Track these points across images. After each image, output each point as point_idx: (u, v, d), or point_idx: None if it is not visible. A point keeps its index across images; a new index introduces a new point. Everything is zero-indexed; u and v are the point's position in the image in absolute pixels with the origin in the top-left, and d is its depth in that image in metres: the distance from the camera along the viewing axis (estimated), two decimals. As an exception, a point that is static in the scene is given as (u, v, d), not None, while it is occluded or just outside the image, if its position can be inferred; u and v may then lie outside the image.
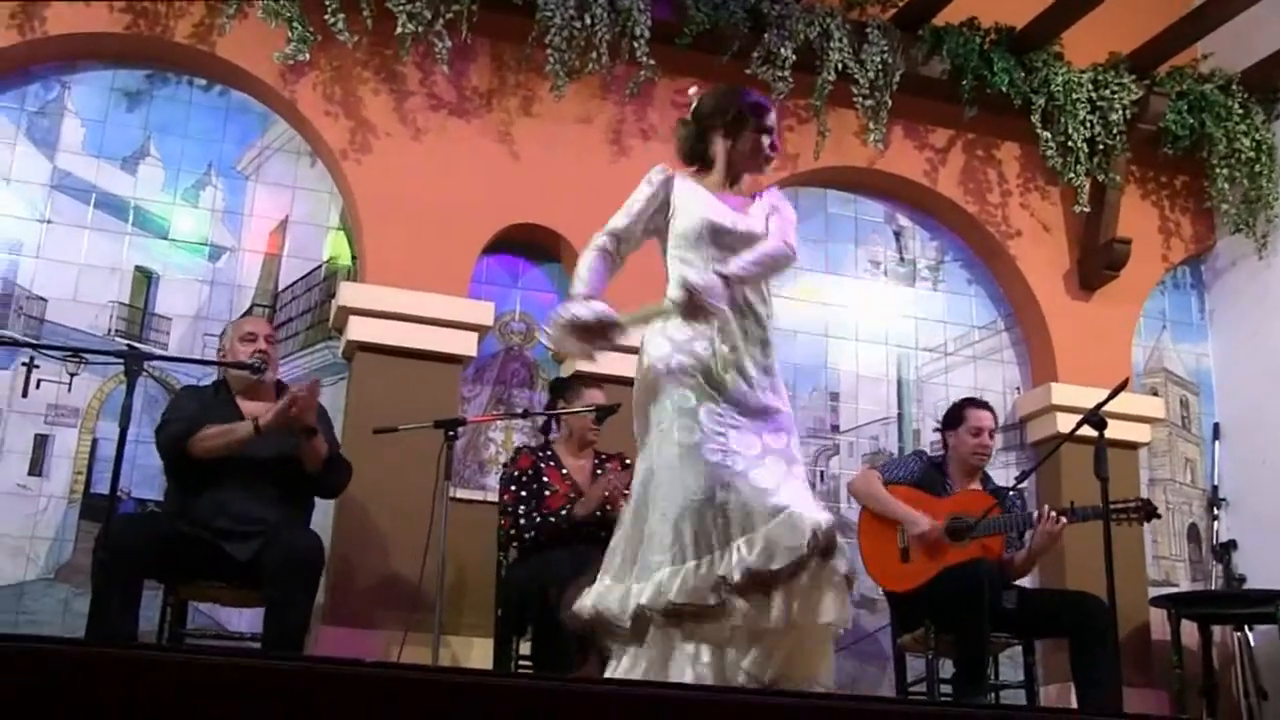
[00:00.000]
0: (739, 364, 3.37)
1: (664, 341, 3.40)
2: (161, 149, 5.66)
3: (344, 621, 5.12)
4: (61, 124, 5.56)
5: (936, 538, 4.81)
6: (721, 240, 3.47)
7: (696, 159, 3.68)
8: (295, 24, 5.41)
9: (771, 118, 3.66)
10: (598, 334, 3.38)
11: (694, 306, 3.34)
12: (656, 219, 3.57)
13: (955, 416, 5.17)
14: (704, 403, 3.31)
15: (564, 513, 4.63)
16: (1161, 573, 6.47)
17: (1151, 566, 6.42)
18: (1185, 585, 6.46)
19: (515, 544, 4.70)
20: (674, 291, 3.42)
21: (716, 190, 3.59)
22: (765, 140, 3.62)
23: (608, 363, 5.39)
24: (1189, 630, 5.88)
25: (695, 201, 3.53)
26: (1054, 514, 4.81)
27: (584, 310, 3.38)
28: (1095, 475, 4.07)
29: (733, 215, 3.52)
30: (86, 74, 5.63)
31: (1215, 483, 6.65)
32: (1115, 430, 4.47)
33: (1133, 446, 6.34)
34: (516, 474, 4.76)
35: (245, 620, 4.91)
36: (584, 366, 5.49)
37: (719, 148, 3.63)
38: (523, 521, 4.64)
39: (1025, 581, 5.23)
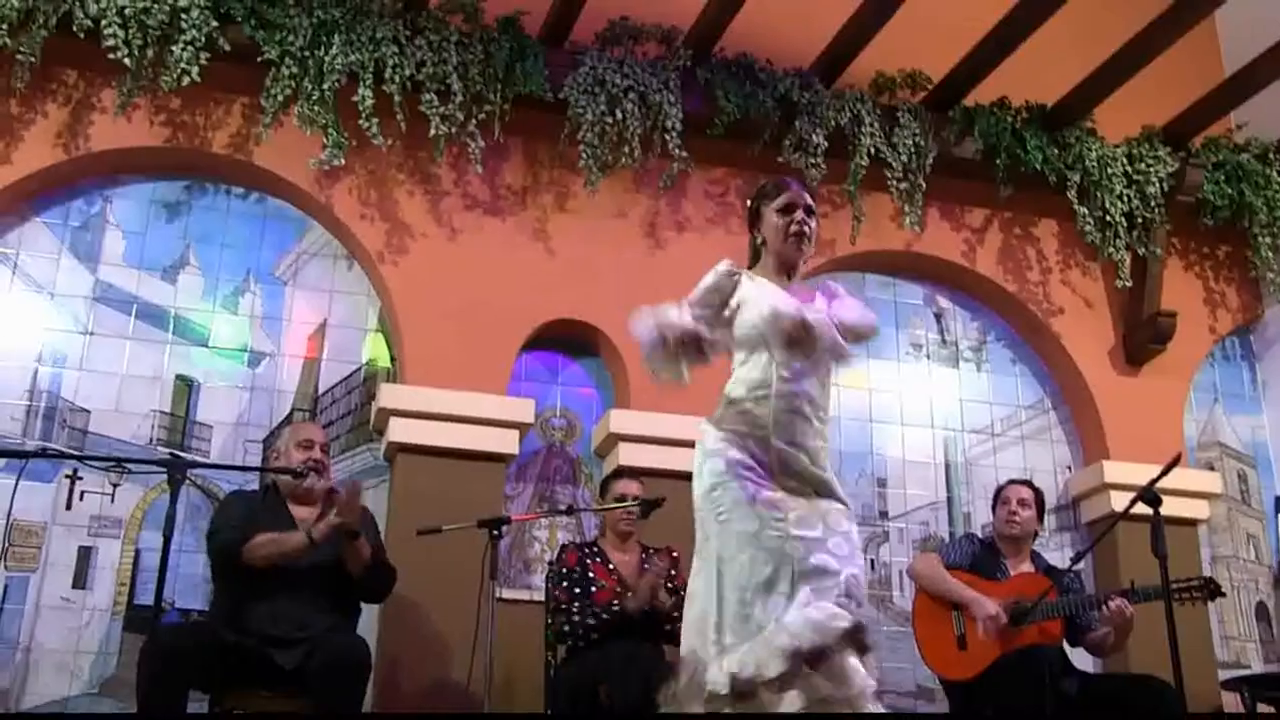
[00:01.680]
0: (793, 455, 3.34)
1: (718, 435, 3.37)
2: (201, 258, 5.73)
3: (391, 728, 5.03)
4: (103, 237, 5.64)
5: (1002, 623, 4.68)
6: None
7: (755, 262, 3.65)
8: (330, 130, 5.48)
9: (786, 197, 3.56)
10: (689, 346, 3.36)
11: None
12: (722, 315, 3.47)
13: (995, 497, 5.16)
14: (761, 491, 3.27)
15: (615, 607, 4.55)
16: (1232, 654, 6.27)
17: (1220, 648, 6.22)
18: (1258, 666, 6.26)
19: (569, 641, 4.62)
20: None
21: (776, 284, 3.54)
22: (784, 220, 3.54)
23: (650, 456, 5.42)
24: (1265, 714, 5.66)
25: (761, 294, 3.47)
26: (1120, 607, 4.65)
27: (674, 317, 3.35)
28: (1153, 554, 3.97)
29: (798, 305, 3.45)
30: (127, 187, 5.72)
31: (1281, 558, 6.48)
32: (1171, 507, 4.36)
33: (1191, 523, 6.19)
34: (565, 570, 4.70)
35: (291, 730, 4.84)
36: (627, 459, 5.46)
37: (758, 244, 3.62)
38: (577, 618, 4.56)
39: (1087, 665, 5.08)
